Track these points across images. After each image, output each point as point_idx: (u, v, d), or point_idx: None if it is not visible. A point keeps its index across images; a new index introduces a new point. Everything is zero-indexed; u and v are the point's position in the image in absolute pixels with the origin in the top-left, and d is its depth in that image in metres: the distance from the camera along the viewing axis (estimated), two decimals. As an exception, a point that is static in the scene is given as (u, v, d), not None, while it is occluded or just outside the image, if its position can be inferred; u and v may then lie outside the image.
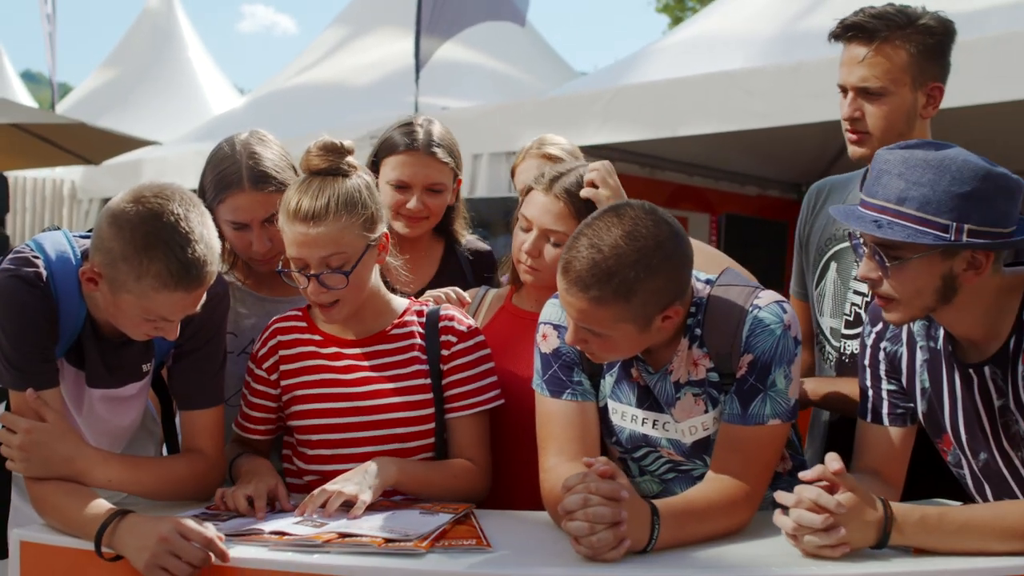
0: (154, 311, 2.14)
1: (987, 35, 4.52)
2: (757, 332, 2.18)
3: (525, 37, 10.75)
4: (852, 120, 2.64)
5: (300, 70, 10.36)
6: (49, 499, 2.18)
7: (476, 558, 1.95)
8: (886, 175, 2.01)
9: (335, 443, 2.43)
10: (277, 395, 2.51)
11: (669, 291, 2.10)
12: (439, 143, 2.97)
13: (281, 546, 1.99)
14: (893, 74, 2.56)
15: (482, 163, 6.34)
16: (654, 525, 1.97)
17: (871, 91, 2.59)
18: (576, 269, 2.05)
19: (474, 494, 2.46)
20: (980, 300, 2.07)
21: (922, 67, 2.57)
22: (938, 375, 2.22)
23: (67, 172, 10.53)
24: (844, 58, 2.64)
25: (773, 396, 2.18)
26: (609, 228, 2.05)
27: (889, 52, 2.55)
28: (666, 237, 2.07)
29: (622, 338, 2.13)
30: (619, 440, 2.40)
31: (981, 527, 1.96)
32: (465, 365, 2.52)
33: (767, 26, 6.18)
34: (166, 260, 2.07)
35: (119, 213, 2.11)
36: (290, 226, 2.35)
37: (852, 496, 1.93)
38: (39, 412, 2.21)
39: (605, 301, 2.04)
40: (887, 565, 1.92)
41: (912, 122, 2.62)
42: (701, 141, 5.96)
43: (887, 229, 1.98)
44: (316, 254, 2.33)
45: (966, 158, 1.96)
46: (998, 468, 2.19)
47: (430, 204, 2.97)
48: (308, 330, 2.54)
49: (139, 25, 14.47)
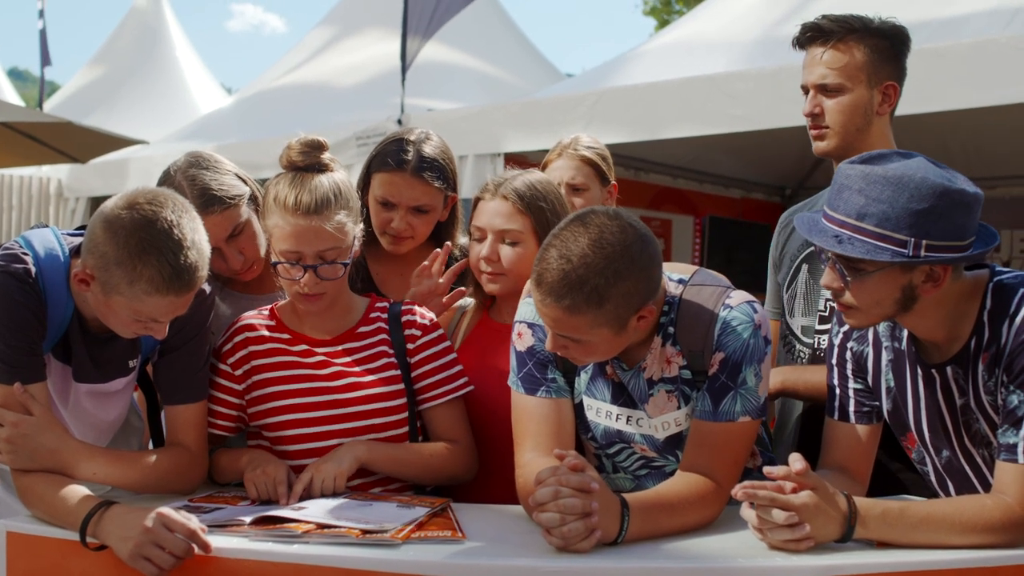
0: (145, 313, 2.19)
1: (963, 41, 4.57)
2: (728, 331, 2.23)
3: (512, 39, 10.79)
4: (812, 116, 2.79)
5: (287, 70, 10.34)
6: (35, 490, 2.22)
7: (450, 549, 1.99)
8: (847, 190, 2.06)
9: (312, 436, 2.47)
10: (241, 391, 2.54)
11: (640, 292, 2.15)
12: (429, 165, 2.91)
13: (262, 537, 2.03)
14: (848, 71, 2.72)
15: (467, 164, 6.36)
16: (624, 517, 2.02)
17: (829, 87, 2.75)
18: (548, 281, 2.10)
19: (460, 471, 2.53)
20: (940, 306, 2.12)
21: (877, 66, 2.73)
22: (902, 375, 2.27)
23: (54, 171, 10.48)
24: (805, 60, 2.82)
25: (743, 394, 2.23)
26: (576, 237, 2.10)
27: (844, 50, 2.73)
28: (632, 241, 2.12)
29: (600, 342, 2.18)
30: (594, 436, 2.45)
31: (941, 521, 2.01)
32: (432, 356, 2.58)
33: (750, 30, 6.23)
34: (159, 266, 2.12)
35: (113, 218, 2.15)
36: (286, 219, 2.39)
37: (815, 494, 1.98)
38: (26, 406, 2.25)
39: (579, 309, 2.09)
40: (850, 557, 1.96)
41: (870, 117, 2.76)
42: (685, 144, 6.01)
43: (847, 245, 2.04)
44: (314, 247, 2.39)
45: (924, 175, 2.00)
46: (960, 465, 2.25)
47: (414, 224, 2.95)
48: (277, 328, 2.58)
49: (127, 24, 14.40)
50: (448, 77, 8.67)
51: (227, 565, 2.00)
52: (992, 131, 6.59)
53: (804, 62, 2.81)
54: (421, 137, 2.96)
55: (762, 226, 9.05)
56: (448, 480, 2.55)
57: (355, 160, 6.81)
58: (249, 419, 2.56)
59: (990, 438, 2.16)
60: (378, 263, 3.08)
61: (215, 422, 2.54)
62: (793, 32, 2.83)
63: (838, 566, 1.94)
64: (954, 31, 4.85)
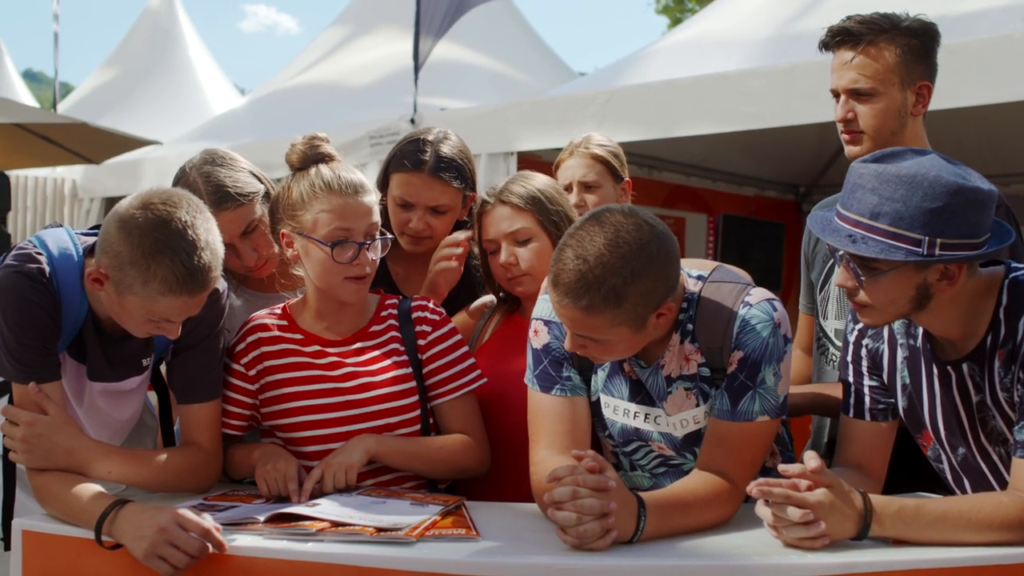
0: (158, 313, 2.19)
1: (977, 38, 4.55)
2: (747, 329, 2.22)
3: (525, 38, 10.78)
4: (846, 121, 2.73)
5: (300, 70, 10.35)
6: (51, 489, 2.23)
7: (465, 547, 1.99)
8: (860, 189, 2.05)
9: (325, 438, 2.47)
10: (254, 391, 2.54)
11: (658, 290, 2.14)
12: (447, 165, 2.92)
13: (276, 535, 2.04)
14: (881, 74, 2.66)
15: (480, 163, 6.35)
16: (640, 516, 2.01)
17: (862, 92, 2.69)
18: (565, 281, 2.09)
19: (471, 464, 2.54)
20: (956, 304, 2.11)
21: (909, 67, 2.68)
22: (918, 372, 2.26)
23: (68, 171, 10.52)
24: (834, 64, 2.75)
25: (762, 393, 2.22)
26: (592, 237, 2.09)
27: (875, 54, 2.67)
28: (649, 239, 2.10)
29: (619, 341, 2.17)
30: (611, 434, 2.44)
31: (957, 519, 2.00)
32: (443, 352, 2.58)
33: (763, 28, 6.21)
34: (173, 266, 2.12)
35: (128, 219, 2.16)
36: (332, 200, 2.41)
37: (830, 492, 1.97)
38: (41, 405, 2.26)
39: (597, 309, 2.08)
40: (865, 555, 1.96)
41: (904, 120, 2.71)
42: (698, 142, 5.99)
43: (861, 244, 2.03)
44: (364, 222, 2.43)
45: (938, 173, 1.99)
46: (976, 463, 2.24)
47: (433, 224, 2.95)
48: (289, 328, 2.58)
49: (140, 25, 14.44)
50: (461, 76, 8.67)
51: (241, 563, 2.00)
52: (1007, 128, 6.56)
53: (833, 65, 2.76)
54: (439, 137, 2.97)
55: (776, 224, 9.03)
56: (460, 473, 2.55)
57: (368, 159, 6.82)
58: (262, 419, 2.56)
59: (1006, 435, 2.15)
60: (397, 263, 3.09)
61: (228, 421, 2.54)
62: (811, 30, 2.79)
63: (853, 564, 1.93)
64: (969, 28, 4.82)
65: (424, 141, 2.94)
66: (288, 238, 2.49)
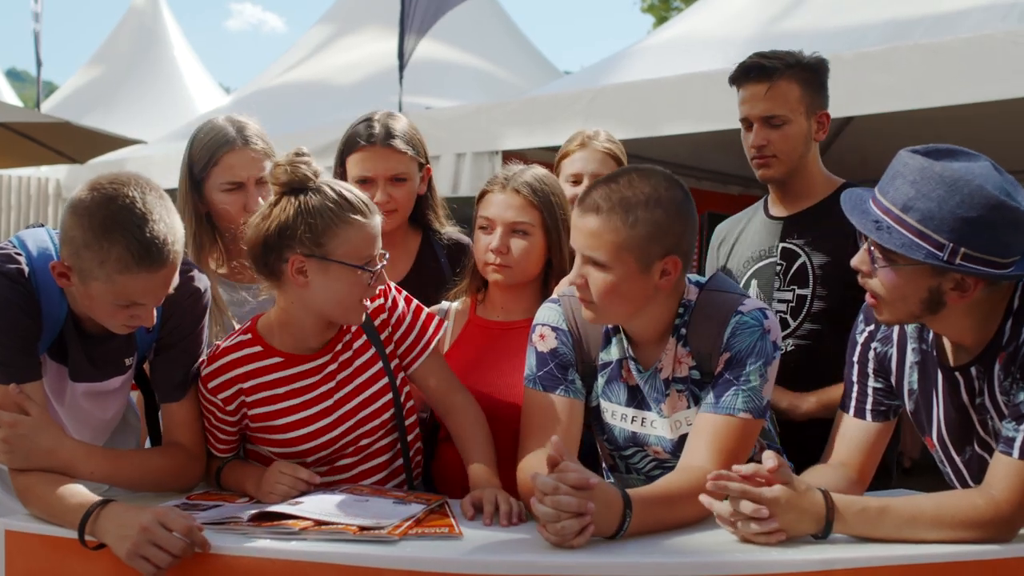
0: (123, 295, 2.16)
1: (958, 37, 4.57)
2: (736, 333, 2.27)
3: (509, 36, 10.78)
4: (759, 148, 3.00)
5: (285, 69, 10.33)
6: (33, 489, 2.22)
7: (448, 545, 2.00)
8: (900, 178, 2.03)
9: (310, 451, 2.46)
10: (236, 421, 2.47)
11: (672, 233, 2.23)
12: (399, 136, 3.01)
13: (259, 534, 2.04)
14: (791, 104, 2.96)
15: (465, 162, 6.35)
16: (626, 513, 2.02)
17: (775, 121, 2.96)
18: (591, 196, 2.24)
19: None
20: (969, 315, 2.10)
21: (811, 98, 2.99)
22: (927, 377, 2.25)
23: (52, 171, 10.48)
24: (745, 96, 3.02)
25: (746, 391, 2.24)
26: (626, 171, 2.31)
27: (785, 87, 2.95)
28: (678, 190, 2.29)
29: (623, 278, 2.22)
30: (610, 438, 2.49)
31: (920, 517, 2.01)
32: (397, 323, 2.56)
33: (748, 27, 6.22)
34: (125, 241, 2.10)
35: (77, 203, 2.14)
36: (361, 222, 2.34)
37: (787, 488, 1.99)
38: (22, 406, 2.24)
39: (612, 221, 2.19)
40: (844, 551, 1.98)
41: (809, 144, 3.02)
42: (683, 141, 5.99)
43: (884, 233, 2.02)
44: (380, 242, 2.40)
45: (982, 183, 1.95)
46: (979, 465, 2.20)
47: (395, 196, 3.00)
48: (264, 355, 2.46)
49: (125, 24, 14.38)
50: (446, 75, 8.66)
51: (225, 562, 2.01)
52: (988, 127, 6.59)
53: (743, 97, 3.01)
54: (385, 114, 3.09)
55: (761, 222, 9.04)
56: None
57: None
58: (251, 440, 2.52)
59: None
60: None
61: (217, 446, 2.50)
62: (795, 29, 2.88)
63: (832, 560, 1.95)
64: (950, 26, 4.85)
65: (371, 119, 3.06)
66: (301, 263, 2.33)
